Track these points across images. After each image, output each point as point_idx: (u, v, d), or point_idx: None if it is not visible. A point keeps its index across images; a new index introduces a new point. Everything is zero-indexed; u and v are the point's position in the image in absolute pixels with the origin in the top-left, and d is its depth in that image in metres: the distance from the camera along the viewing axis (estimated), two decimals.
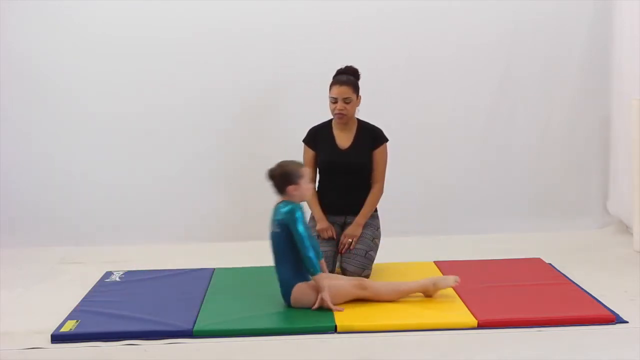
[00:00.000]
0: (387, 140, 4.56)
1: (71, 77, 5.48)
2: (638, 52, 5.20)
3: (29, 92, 5.47)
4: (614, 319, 3.73)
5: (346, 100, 4.44)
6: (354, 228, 4.45)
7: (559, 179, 5.71)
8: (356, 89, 4.49)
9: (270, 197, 4.10)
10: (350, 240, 4.41)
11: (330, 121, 4.58)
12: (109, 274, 4.62)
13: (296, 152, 4.53)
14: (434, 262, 4.72)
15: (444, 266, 4.61)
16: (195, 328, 3.69)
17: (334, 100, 4.46)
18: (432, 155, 5.65)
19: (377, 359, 3.42)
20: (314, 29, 5.49)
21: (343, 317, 3.79)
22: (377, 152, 4.53)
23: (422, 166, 5.63)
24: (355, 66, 4.57)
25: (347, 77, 4.48)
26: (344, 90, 4.43)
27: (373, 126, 4.59)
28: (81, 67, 5.48)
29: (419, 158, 5.63)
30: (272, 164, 4.03)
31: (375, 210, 4.58)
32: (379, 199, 4.54)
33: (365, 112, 4.53)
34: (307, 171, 4.02)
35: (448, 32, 5.55)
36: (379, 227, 4.56)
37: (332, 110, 4.49)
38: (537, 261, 4.73)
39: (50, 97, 5.48)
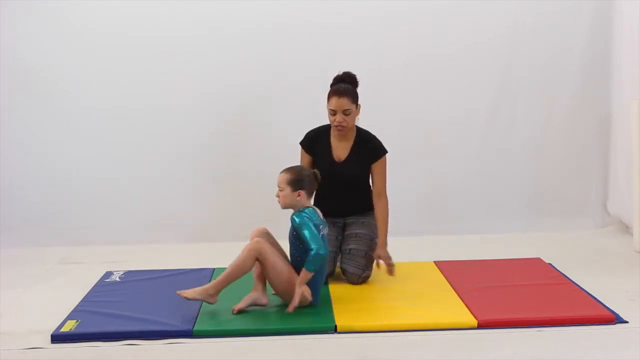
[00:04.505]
0: (386, 152, 4.44)
1: (71, 77, 5.48)
2: (638, 52, 5.20)
3: (29, 93, 5.46)
4: (614, 319, 3.73)
5: (345, 112, 4.30)
6: (381, 250, 4.33)
7: (559, 179, 5.71)
8: (355, 98, 4.35)
9: (270, 198, 4.10)
10: (389, 262, 4.31)
11: (328, 126, 4.47)
12: (109, 274, 4.63)
13: (298, 152, 4.53)
14: (434, 262, 4.72)
15: (444, 266, 4.61)
16: (195, 328, 3.69)
17: (333, 113, 4.32)
18: (432, 155, 5.65)
19: (377, 359, 3.42)
20: (313, 29, 5.49)
21: (343, 317, 3.79)
22: (376, 166, 4.43)
23: (422, 166, 5.63)
24: (356, 67, 4.52)
25: (346, 87, 4.32)
26: (343, 102, 4.29)
27: (371, 137, 4.47)
28: (81, 67, 5.48)
29: (418, 158, 5.63)
30: (272, 164, 4.03)
31: (373, 209, 4.54)
32: (388, 211, 4.44)
33: (365, 111, 4.52)
34: (282, 178, 3.97)
35: (448, 32, 5.55)
36: None
37: (332, 122, 4.36)
38: (537, 261, 4.73)
39: (50, 97, 5.48)
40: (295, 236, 3.96)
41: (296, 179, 3.97)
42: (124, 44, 5.48)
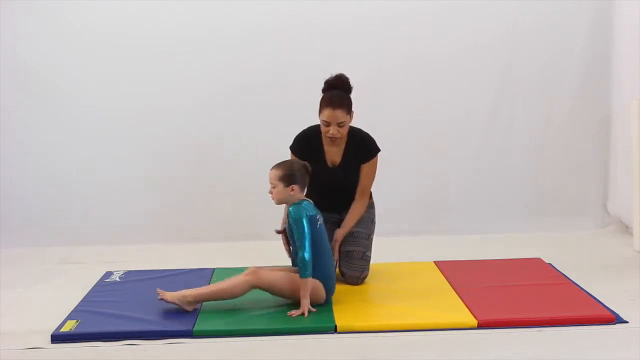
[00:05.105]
0: (378, 151, 4.37)
1: (71, 77, 5.48)
2: (638, 52, 5.20)
3: (29, 92, 5.46)
4: (614, 319, 3.73)
5: (340, 124, 4.17)
6: (340, 234, 4.29)
7: (559, 179, 5.71)
8: (349, 107, 4.20)
9: (270, 198, 4.09)
10: (337, 247, 4.28)
11: (318, 128, 4.34)
12: (109, 274, 4.63)
13: None
14: (434, 262, 4.72)
15: (444, 266, 4.61)
16: (195, 328, 3.69)
17: (327, 124, 4.18)
18: (432, 155, 5.64)
19: (377, 359, 3.42)
20: (313, 29, 5.48)
21: (343, 317, 3.79)
22: (366, 166, 4.34)
23: (422, 166, 5.63)
24: (356, 67, 4.50)
25: (340, 97, 4.17)
26: (337, 115, 4.15)
27: (364, 136, 4.37)
28: (81, 67, 5.48)
29: (419, 158, 5.63)
30: (272, 164, 4.02)
31: (370, 197, 4.47)
32: (363, 211, 4.39)
33: (365, 112, 4.51)
34: (273, 175, 3.95)
35: (448, 32, 5.55)
36: (374, 219, 4.48)
37: (325, 133, 4.23)
38: (537, 261, 4.73)
39: (50, 97, 5.48)
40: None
41: (287, 175, 3.94)
42: (124, 44, 5.47)
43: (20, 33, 5.42)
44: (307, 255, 3.84)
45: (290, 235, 3.99)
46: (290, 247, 4.18)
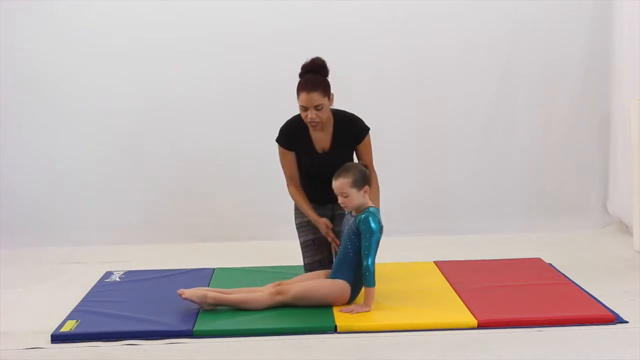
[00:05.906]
0: (368, 130, 4.26)
1: (71, 77, 5.49)
2: (638, 52, 5.20)
3: (29, 93, 5.47)
4: (614, 319, 3.73)
5: (317, 108, 4.05)
6: None
7: (559, 179, 5.71)
8: (326, 90, 4.09)
9: (270, 198, 4.10)
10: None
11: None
12: (109, 274, 4.63)
13: None
14: (434, 262, 4.72)
15: (444, 266, 4.61)
16: (195, 328, 3.69)
17: (304, 109, 4.08)
18: (432, 155, 5.65)
19: (377, 359, 3.42)
20: (313, 29, 5.48)
21: (343, 317, 3.79)
22: (361, 146, 4.25)
23: (422, 166, 5.63)
24: (356, 67, 4.48)
25: (315, 80, 4.07)
26: (313, 98, 4.04)
27: (350, 117, 4.24)
28: (82, 68, 5.48)
29: (419, 158, 5.63)
30: (273, 165, 4.01)
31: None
32: (378, 183, 4.27)
33: (365, 111, 4.50)
34: (343, 184, 3.87)
35: (448, 33, 5.55)
36: None
37: (304, 118, 4.12)
38: (537, 261, 4.73)
39: (50, 97, 5.48)
40: (356, 233, 3.90)
41: (357, 178, 3.88)
42: (124, 44, 5.48)
43: (20, 33, 5.42)
44: (371, 264, 3.84)
45: (349, 237, 3.92)
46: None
